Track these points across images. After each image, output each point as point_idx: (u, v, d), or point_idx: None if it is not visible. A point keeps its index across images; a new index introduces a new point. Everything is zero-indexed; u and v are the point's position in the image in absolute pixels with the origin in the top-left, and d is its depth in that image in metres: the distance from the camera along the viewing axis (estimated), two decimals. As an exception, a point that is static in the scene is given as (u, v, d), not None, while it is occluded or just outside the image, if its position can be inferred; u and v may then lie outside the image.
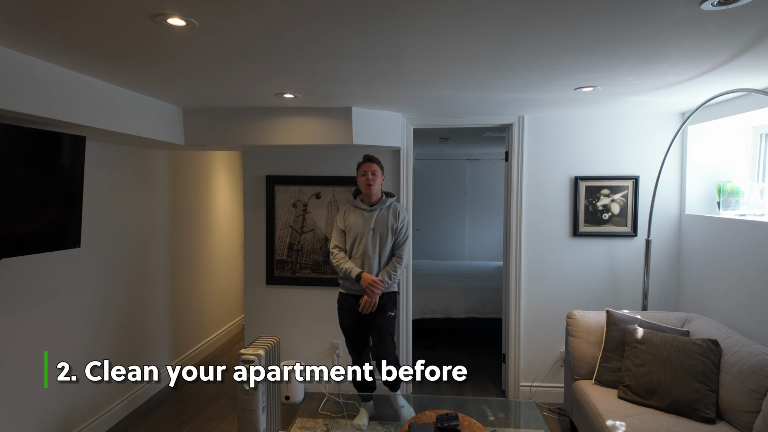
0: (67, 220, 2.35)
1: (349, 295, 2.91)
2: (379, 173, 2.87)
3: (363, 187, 2.87)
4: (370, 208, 2.88)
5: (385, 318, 2.85)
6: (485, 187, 6.77)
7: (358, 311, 2.84)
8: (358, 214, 2.91)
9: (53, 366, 2.65)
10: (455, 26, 1.58)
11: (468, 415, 2.27)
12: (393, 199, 2.96)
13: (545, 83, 2.39)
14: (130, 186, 3.33)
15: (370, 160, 2.87)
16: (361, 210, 2.91)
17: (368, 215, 2.88)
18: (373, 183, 2.83)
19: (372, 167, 2.85)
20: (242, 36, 1.68)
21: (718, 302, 2.83)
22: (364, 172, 2.85)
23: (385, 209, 2.90)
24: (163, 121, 2.91)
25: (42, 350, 2.58)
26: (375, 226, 2.85)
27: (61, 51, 1.86)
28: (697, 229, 3.09)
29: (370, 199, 2.89)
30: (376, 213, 2.88)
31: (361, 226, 2.86)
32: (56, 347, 2.68)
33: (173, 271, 3.91)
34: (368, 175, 2.83)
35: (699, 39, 1.70)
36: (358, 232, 2.86)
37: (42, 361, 2.58)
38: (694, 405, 2.24)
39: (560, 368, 3.46)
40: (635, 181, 3.30)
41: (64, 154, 2.28)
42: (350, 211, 2.94)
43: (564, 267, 3.42)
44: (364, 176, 2.85)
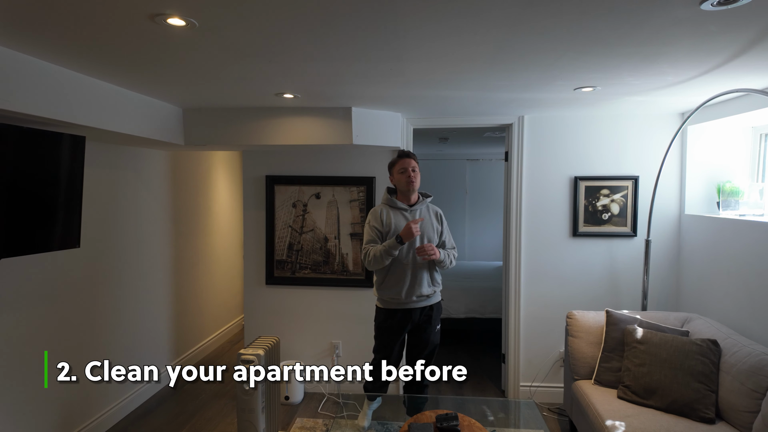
0: (67, 220, 2.35)
1: (394, 312, 2.61)
2: (417, 169, 2.61)
3: (404, 185, 2.59)
4: (410, 208, 2.64)
5: (434, 333, 2.68)
6: (485, 187, 6.77)
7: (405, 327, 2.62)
8: (398, 214, 2.63)
9: (53, 366, 2.65)
10: (456, 27, 1.59)
11: (468, 415, 2.27)
12: (430, 200, 2.73)
13: (545, 83, 2.39)
14: (130, 186, 3.33)
15: (408, 156, 2.61)
16: (401, 210, 2.63)
17: (410, 215, 2.63)
18: (415, 180, 2.58)
19: (411, 163, 2.59)
20: (242, 36, 1.68)
21: (718, 302, 2.83)
22: (404, 168, 2.58)
23: (425, 209, 2.68)
24: (163, 121, 2.91)
25: (42, 350, 2.58)
26: (420, 226, 2.59)
27: (61, 51, 1.86)
28: (696, 229, 3.09)
29: (410, 197, 2.64)
30: (417, 213, 2.65)
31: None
32: (56, 347, 2.68)
33: (173, 271, 3.91)
34: (409, 172, 2.57)
35: (699, 39, 1.70)
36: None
37: (41, 360, 2.58)
38: (694, 405, 2.24)
39: (560, 368, 3.46)
40: (635, 181, 3.30)
41: (64, 154, 2.28)
42: (389, 212, 2.63)
43: (564, 267, 3.42)
44: (403, 173, 2.58)
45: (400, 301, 2.60)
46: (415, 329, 2.67)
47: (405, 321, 2.63)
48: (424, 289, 2.59)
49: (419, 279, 2.58)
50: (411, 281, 2.57)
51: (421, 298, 2.62)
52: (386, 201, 2.68)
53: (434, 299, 2.68)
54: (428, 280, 2.61)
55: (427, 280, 2.60)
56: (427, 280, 2.61)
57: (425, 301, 2.64)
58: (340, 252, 3.57)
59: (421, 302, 2.63)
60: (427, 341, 2.67)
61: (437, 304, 2.70)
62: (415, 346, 2.71)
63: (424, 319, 2.65)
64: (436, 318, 2.68)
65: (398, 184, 2.63)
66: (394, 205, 2.64)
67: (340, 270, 3.58)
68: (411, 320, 2.63)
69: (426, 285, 2.60)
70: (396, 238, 2.47)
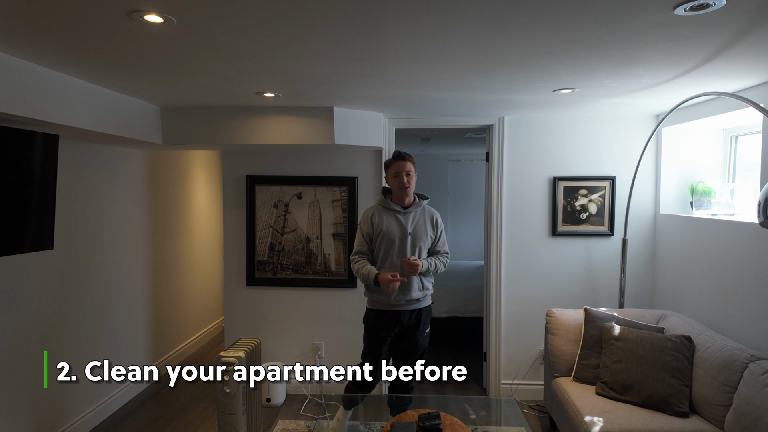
0: (40, 220, 2.28)
1: (383, 312, 2.57)
2: (413, 172, 2.52)
3: (397, 190, 2.53)
4: (404, 210, 2.57)
5: (423, 336, 2.63)
6: (466, 188, 6.83)
7: (391, 329, 2.57)
8: (391, 216, 2.56)
9: (26, 370, 2.57)
10: (436, 27, 1.59)
11: (450, 414, 2.28)
12: (426, 202, 2.65)
13: (525, 85, 2.42)
14: (107, 186, 3.25)
15: (403, 158, 2.49)
16: (394, 212, 2.56)
17: (404, 218, 2.54)
18: (409, 185, 2.49)
19: (406, 166, 2.48)
20: (221, 34, 1.66)
21: (692, 299, 2.91)
22: (398, 172, 2.48)
23: (420, 212, 2.60)
24: (140, 120, 2.85)
25: (10, 353, 2.50)
26: (413, 231, 2.54)
27: (33, 47, 1.80)
28: (671, 228, 3.17)
29: (404, 201, 2.58)
30: (411, 216, 2.56)
31: (397, 230, 2.53)
32: (28, 350, 2.60)
33: (152, 273, 3.83)
34: (402, 176, 2.48)
35: (672, 43, 1.74)
36: (393, 238, 2.52)
37: (14, 365, 2.50)
38: (669, 400, 2.29)
39: (540, 366, 3.51)
40: (612, 182, 3.37)
41: (36, 153, 2.21)
42: (381, 214, 2.56)
43: (543, 266, 3.47)
44: (397, 177, 2.49)
45: (385, 302, 2.57)
46: (404, 332, 2.62)
47: (393, 322, 2.59)
48: (414, 293, 2.55)
49: (409, 283, 2.53)
50: (400, 286, 2.53)
51: (411, 302, 2.58)
52: (380, 202, 2.63)
53: (424, 303, 2.64)
54: (418, 284, 2.57)
55: (417, 284, 2.56)
56: (418, 284, 2.56)
57: (415, 304, 2.60)
58: (322, 252, 3.56)
59: (411, 305, 2.59)
60: (416, 344, 2.64)
61: (427, 308, 2.66)
62: (404, 349, 2.66)
63: (413, 322, 2.61)
64: (425, 321, 2.65)
65: (392, 188, 2.58)
66: (388, 207, 2.58)
67: (323, 270, 3.57)
68: (399, 322, 2.59)
69: (416, 289, 2.56)
70: (374, 281, 2.46)
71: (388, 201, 2.59)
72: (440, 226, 2.66)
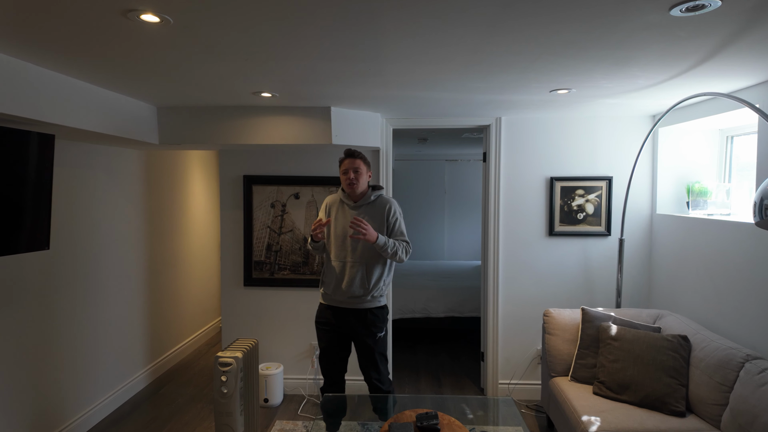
0: (36, 220, 2.27)
1: (327, 307, 2.61)
2: (363, 170, 2.55)
3: (345, 187, 2.58)
4: (354, 204, 2.59)
5: (376, 340, 2.54)
6: (464, 188, 6.84)
7: (335, 326, 2.57)
8: (343, 208, 2.60)
9: (20, 370, 2.56)
10: (434, 27, 1.59)
11: (447, 414, 2.28)
12: (380, 192, 2.64)
13: (522, 85, 2.43)
14: (103, 186, 3.24)
15: (353, 156, 2.54)
16: (346, 205, 2.60)
17: (351, 213, 2.58)
18: (356, 183, 2.53)
19: (354, 164, 2.53)
20: (218, 34, 1.66)
21: (688, 299, 2.93)
22: (346, 170, 2.54)
23: (370, 206, 2.59)
24: (136, 120, 2.85)
25: (8, 354, 2.49)
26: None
27: (29, 46, 1.79)
28: (667, 228, 3.19)
29: (354, 196, 2.60)
30: (360, 210, 2.58)
31: (344, 224, 2.56)
32: (24, 352, 2.59)
33: (148, 273, 3.82)
34: (350, 174, 2.53)
35: (668, 44, 1.75)
36: (340, 232, 2.56)
37: (10, 365, 2.49)
38: (665, 399, 2.30)
39: (537, 366, 3.51)
40: (609, 182, 3.38)
41: (31, 152, 2.21)
42: (335, 205, 2.63)
43: (540, 266, 3.47)
44: (345, 175, 2.54)
45: (330, 297, 2.58)
46: (353, 334, 2.58)
47: (338, 321, 2.57)
48: (354, 289, 2.50)
49: (350, 277, 2.49)
50: (339, 278, 2.52)
51: (353, 300, 2.53)
52: (339, 191, 2.68)
53: (370, 304, 2.54)
54: (361, 280, 2.49)
55: (359, 280, 2.49)
56: (360, 279, 2.49)
57: (358, 303, 2.53)
58: (319, 252, 3.55)
59: (354, 304, 2.54)
60: (367, 349, 2.56)
61: (377, 310, 2.56)
62: (359, 354, 2.61)
63: (360, 324, 2.54)
64: (374, 324, 2.54)
65: (342, 183, 2.60)
66: (343, 199, 2.63)
67: (320, 271, 3.56)
68: (344, 323, 2.56)
69: (357, 285, 2.49)
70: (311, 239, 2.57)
71: (344, 193, 2.64)
72: (394, 215, 2.59)
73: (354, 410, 2.89)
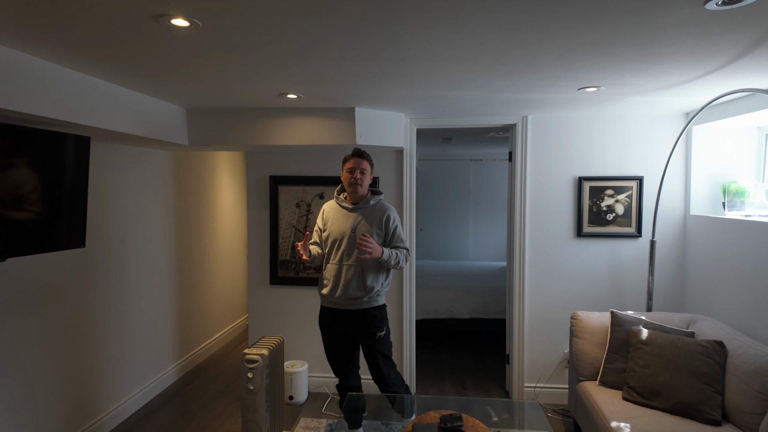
0: (73, 219, 2.36)
1: (325, 309, 2.64)
2: (368, 171, 2.55)
3: (347, 186, 2.55)
4: (352, 207, 2.57)
5: (376, 340, 2.55)
6: (489, 188, 6.77)
7: (337, 328, 2.60)
8: (340, 212, 2.60)
9: (63, 365, 2.67)
10: (459, 27, 1.59)
11: (472, 416, 2.26)
12: (380, 198, 2.63)
13: (549, 83, 2.39)
14: (134, 186, 3.35)
15: (360, 156, 2.53)
16: (343, 209, 2.60)
17: (350, 215, 2.56)
18: (361, 183, 2.52)
19: (361, 164, 2.52)
20: (245, 36, 1.69)
21: (723, 303, 2.82)
22: (352, 168, 2.52)
23: (369, 210, 2.57)
24: (167, 122, 2.93)
25: (46, 348, 2.60)
26: (356, 228, 2.53)
27: (66, 51, 1.87)
28: (701, 229, 3.08)
29: (354, 197, 2.59)
30: (358, 213, 2.57)
31: (341, 227, 2.54)
32: (61, 346, 2.70)
33: (178, 271, 3.93)
34: (356, 173, 2.51)
35: (702, 39, 1.69)
36: (337, 235, 2.54)
37: (46, 359, 2.60)
38: (699, 406, 2.22)
39: (564, 369, 3.45)
40: (639, 182, 3.29)
41: (69, 154, 2.30)
42: (332, 210, 2.62)
43: (568, 267, 3.41)
44: (351, 173, 2.52)
45: (328, 299, 2.58)
46: (356, 336, 2.60)
47: (341, 323, 2.58)
48: (351, 292, 2.50)
49: (347, 280, 2.50)
50: (335, 281, 2.53)
51: (350, 301, 2.53)
52: (334, 196, 2.67)
53: (368, 304, 2.54)
54: (357, 283, 2.50)
55: (355, 283, 2.50)
56: (357, 282, 2.50)
57: (355, 304, 2.53)
58: (343, 252, 3.57)
59: (351, 305, 2.54)
60: (368, 349, 2.58)
61: (376, 309, 2.55)
62: (364, 354, 2.64)
63: (359, 324, 2.55)
64: (372, 324, 2.54)
65: (344, 182, 2.58)
66: (339, 203, 2.62)
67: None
68: (349, 323, 2.56)
69: (354, 287, 2.50)
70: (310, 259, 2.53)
71: (340, 197, 2.63)
72: (393, 223, 2.57)
73: (376, 410, 2.90)
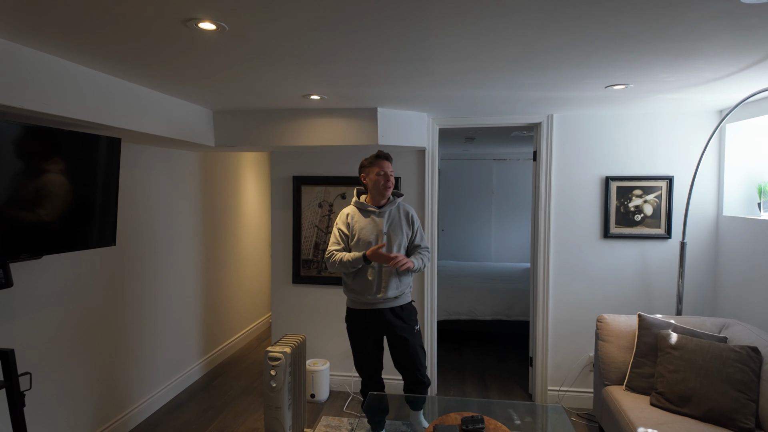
0: (104, 218, 2.44)
1: (361, 312, 2.58)
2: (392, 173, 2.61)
3: (381, 188, 2.54)
4: (379, 210, 2.58)
5: (413, 333, 2.59)
6: (512, 188, 6.68)
7: (371, 329, 2.58)
8: (367, 217, 2.59)
9: (94, 361, 2.76)
10: (484, 27, 1.57)
11: (494, 419, 2.24)
12: (401, 199, 2.68)
13: (575, 81, 2.34)
14: (162, 186, 3.43)
15: (387, 158, 2.57)
16: (370, 212, 2.60)
17: (378, 219, 2.56)
18: (392, 186, 2.56)
19: (390, 167, 2.57)
20: (270, 39, 1.71)
21: (758, 307, 2.71)
22: (382, 172, 2.54)
23: (395, 210, 2.62)
24: (194, 123, 2.99)
25: (78, 344, 2.68)
26: (388, 229, 2.55)
27: (97, 55, 1.93)
28: (735, 231, 2.97)
29: (381, 200, 2.60)
30: (386, 215, 2.58)
31: (372, 230, 2.55)
32: (91, 342, 2.79)
33: (204, 270, 4.01)
34: (388, 175, 2.55)
35: (738, 33, 1.63)
36: (371, 238, 2.54)
37: (76, 354, 2.68)
38: (732, 414, 2.15)
39: (589, 373, 3.38)
40: (669, 182, 3.19)
41: (100, 155, 2.37)
42: (356, 215, 2.61)
43: (594, 269, 3.34)
44: (381, 176, 2.53)
45: (366, 302, 2.56)
46: (391, 332, 2.58)
47: (376, 323, 2.58)
48: (390, 292, 2.54)
49: (386, 281, 2.53)
50: (377, 284, 2.53)
51: (389, 300, 2.56)
52: (355, 203, 2.65)
53: (403, 300, 2.60)
54: (396, 283, 2.55)
55: (394, 283, 2.54)
56: (395, 282, 2.55)
57: (393, 302, 2.57)
58: (365, 252, 3.58)
59: (389, 303, 2.57)
60: (407, 342, 2.58)
61: (408, 305, 2.62)
62: (396, 347, 2.61)
63: (397, 320, 2.58)
64: (409, 318, 2.60)
65: (374, 186, 2.56)
66: (364, 208, 2.60)
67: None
68: (382, 322, 2.56)
69: (393, 287, 2.54)
70: (363, 257, 2.46)
71: (362, 202, 2.62)
72: (416, 222, 2.65)
73: (397, 410, 2.90)
